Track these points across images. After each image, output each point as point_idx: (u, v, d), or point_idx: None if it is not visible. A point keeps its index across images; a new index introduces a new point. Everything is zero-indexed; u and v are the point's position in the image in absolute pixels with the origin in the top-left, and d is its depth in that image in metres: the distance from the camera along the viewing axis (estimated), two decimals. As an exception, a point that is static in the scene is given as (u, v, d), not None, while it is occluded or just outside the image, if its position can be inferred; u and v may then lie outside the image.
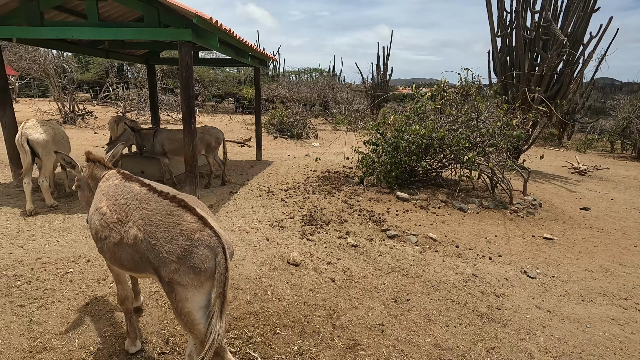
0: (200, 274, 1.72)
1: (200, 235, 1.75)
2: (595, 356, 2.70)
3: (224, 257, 1.75)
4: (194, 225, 1.77)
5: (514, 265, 4.15)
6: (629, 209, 6.98)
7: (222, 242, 1.76)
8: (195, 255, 1.71)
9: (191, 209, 1.83)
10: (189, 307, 1.75)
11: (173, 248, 1.72)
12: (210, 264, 1.73)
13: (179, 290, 1.73)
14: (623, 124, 16.16)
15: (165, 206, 1.85)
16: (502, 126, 6.12)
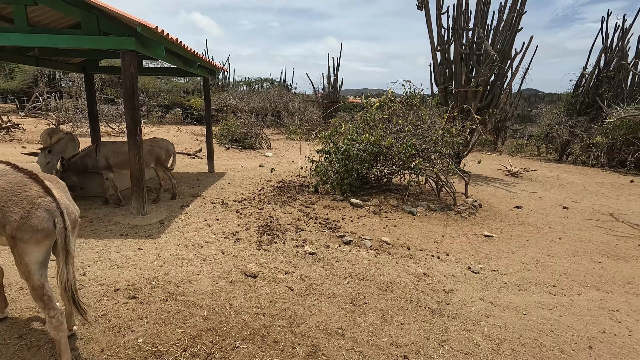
0: (38, 232, 2.10)
1: (41, 201, 2.14)
2: (531, 339, 2.99)
3: (62, 219, 2.15)
4: (38, 192, 2.16)
5: (459, 262, 4.47)
6: (554, 206, 7.82)
7: (60, 208, 2.17)
8: (34, 216, 2.09)
9: (39, 181, 2.21)
10: (27, 260, 2.13)
11: (17, 209, 2.10)
12: (47, 224, 2.12)
13: (20, 245, 2.10)
14: (546, 130, 18.09)
15: (18, 177, 2.20)
16: (444, 134, 6.60)
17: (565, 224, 6.44)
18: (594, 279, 4.27)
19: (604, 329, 3.21)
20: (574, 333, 3.12)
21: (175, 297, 3.21)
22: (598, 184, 10.97)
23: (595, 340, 3.04)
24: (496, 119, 21.23)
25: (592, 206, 8.02)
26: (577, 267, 4.57)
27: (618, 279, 4.30)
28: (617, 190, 10.16)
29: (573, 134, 16.18)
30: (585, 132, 15.52)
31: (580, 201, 8.48)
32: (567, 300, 3.70)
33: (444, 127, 6.64)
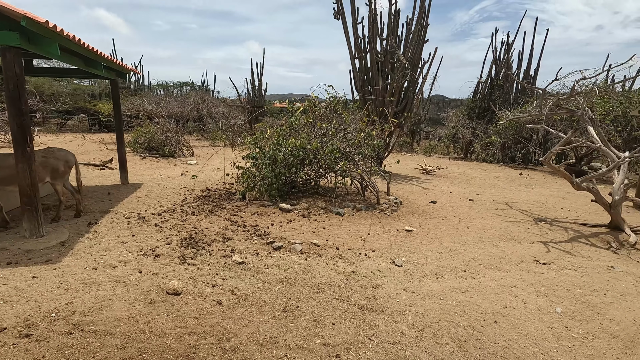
0: None
1: None
2: (448, 321, 3.28)
3: None
4: None
5: (384, 257, 4.72)
6: (462, 199, 8.75)
7: None
8: None
9: None
10: None
11: None
12: None
13: None
14: (453, 132, 20.23)
15: None
16: (365, 137, 6.95)
17: (471, 215, 7.24)
18: (496, 261, 4.86)
19: (505, 304, 3.67)
20: (482, 311, 3.51)
21: (81, 329, 2.81)
22: (495, 177, 12.60)
23: (499, 315, 3.46)
24: (412, 122, 23.19)
25: (492, 197, 9.16)
26: (482, 252, 5.16)
27: (514, 259, 4.96)
28: (510, 182, 11.79)
29: (474, 135, 18.35)
30: (483, 133, 17.71)
31: (483, 193, 9.63)
32: (476, 283, 4.15)
33: (365, 130, 6.99)
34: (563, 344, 3.05)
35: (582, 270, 4.68)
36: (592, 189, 6.04)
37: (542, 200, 9.08)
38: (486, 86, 19.25)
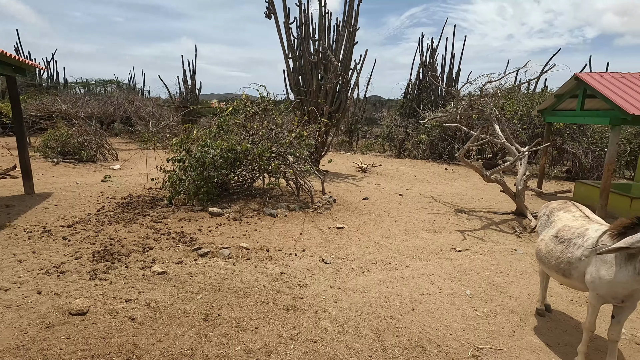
0: None
1: None
2: (370, 313, 3.41)
3: None
4: None
5: (314, 256, 4.77)
6: (392, 194, 9.21)
7: None
8: None
9: None
10: None
11: None
12: None
13: None
14: (387, 131, 21.24)
15: None
16: (296, 137, 6.97)
17: (400, 209, 7.65)
18: (418, 251, 5.18)
19: (423, 292, 3.92)
20: (402, 300, 3.71)
21: (-47, 366, 2.41)
22: (424, 173, 13.48)
23: (417, 302, 3.68)
24: (349, 122, 23.90)
25: (419, 192, 9.78)
26: (406, 244, 5.46)
27: (434, 248, 5.33)
28: (436, 177, 12.69)
29: (406, 133, 19.46)
30: (414, 132, 18.86)
31: (412, 188, 10.24)
32: (399, 273, 4.37)
33: (296, 130, 7.02)
34: (469, 323, 3.34)
35: (491, 255, 5.18)
36: (499, 180, 6.74)
37: (462, 192, 9.91)
38: (415, 88, 20.51)
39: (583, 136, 12.87)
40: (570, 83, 8.46)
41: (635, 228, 2.19)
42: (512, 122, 13.95)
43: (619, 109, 6.73)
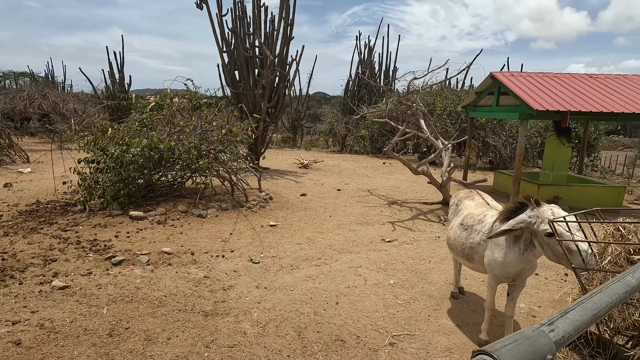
0: None
1: None
2: (294, 311, 3.36)
3: None
4: None
5: (243, 256, 4.62)
6: (331, 189, 9.30)
7: None
8: None
9: None
10: None
11: None
12: None
13: None
14: (329, 127, 21.50)
15: None
16: (227, 133, 6.70)
17: (336, 204, 7.74)
18: (349, 244, 5.27)
19: (349, 285, 3.97)
20: (327, 295, 3.72)
21: None
22: (364, 167, 13.85)
23: (342, 296, 3.71)
24: (292, 118, 23.80)
25: (357, 186, 10.00)
26: (338, 238, 5.53)
27: (365, 240, 5.46)
28: (375, 171, 13.11)
29: (348, 129, 19.86)
30: (355, 127, 19.31)
31: (350, 183, 10.44)
32: (327, 268, 4.39)
33: (226, 127, 6.74)
34: (389, 312, 3.44)
35: (416, 244, 5.43)
36: (426, 172, 7.11)
37: (397, 185, 10.34)
38: (355, 84, 21.00)
39: (502, 130, 14.14)
40: (487, 81, 9.19)
41: (518, 212, 2.39)
42: (442, 118, 14.88)
43: (526, 105, 7.45)
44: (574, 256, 1.93)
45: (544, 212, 2.23)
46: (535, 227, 2.24)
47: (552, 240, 2.10)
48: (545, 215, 2.20)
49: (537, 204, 2.32)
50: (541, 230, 2.19)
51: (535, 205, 2.32)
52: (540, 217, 2.22)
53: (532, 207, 2.32)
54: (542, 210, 2.26)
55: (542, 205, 2.32)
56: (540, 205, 2.32)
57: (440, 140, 7.24)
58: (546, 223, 2.14)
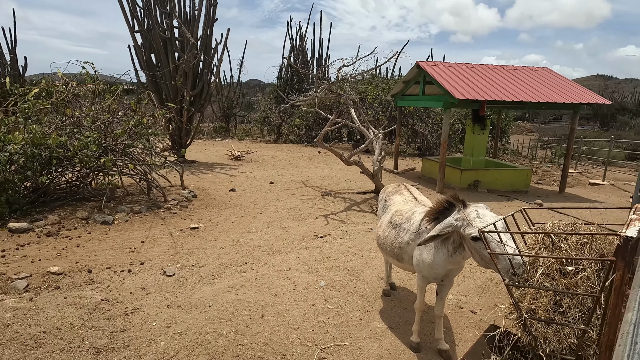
0: None
1: None
2: (210, 332, 2.93)
3: None
4: None
5: (154, 269, 4.00)
6: (263, 182, 8.82)
7: None
8: None
9: None
10: None
11: None
12: None
13: None
14: (263, 115, 20.75)
15: None
16: (136, 125, 5.83)
17: (268, 198, 7.32)
18: (279, 244, 4.91)
19: (276, 292, 3.63)
20: (252, 307, 3.34)
21: None
22: (299, 157, 13.54)
23: (268, 307, 3.36)
24: (224, 107, 22.50)
25: (291, 177, 9.66)
26: (268, 237, 5.14)
27: (296, 238, 5.15)
28: (310, 160, 12.88)
29: (282, 118, 19.32)
30: (289, 116, 18.85)
31: (284, 174, 10.06)
32: (254, 274, 4.00)
33: (135, 117, 5.86)
34: (320, 320, 3.18)
35: (349, 237, 5.28)
36: (358, 162, 7.01)
37: (332, 175, 10.21)
38: (288, 71, 20.42)
39: (428, 118, 14.82)
40: (414, 70, 9.39)
41: (446, 212, 2.24)
42: (374, 106, 15.14)
43: (449, 94, 7.71)
44: (501, 263, 1.82)
45: (469, 214, 2.11)
46: (462, 230, 2.11)
47: (478, 244, 1.97)
48: (471, 217, 2.07)
49: (464, 205, 2.19)
50: (467, 234, 2.06)
51: (462, 206, 2.18)
52: (466, 219, 2.09)
53: (458, 208, 2.19)
54: (467, 212, 2.13)
55: (468, 206, 2.20)
56: (466, 206, 2.19)
57: (371, 129, 7.17)
58: (472, 227, 2.01)
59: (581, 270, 1.30)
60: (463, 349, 2.90)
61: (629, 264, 1.01)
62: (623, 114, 32.23)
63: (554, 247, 1.38)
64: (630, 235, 1.02)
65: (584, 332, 1.22)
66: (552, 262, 1.34)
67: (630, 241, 1.00)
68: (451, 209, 2.23)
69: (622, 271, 1.01)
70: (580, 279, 1.28)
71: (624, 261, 1.01)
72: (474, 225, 2.00)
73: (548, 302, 1.32)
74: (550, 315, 1.32)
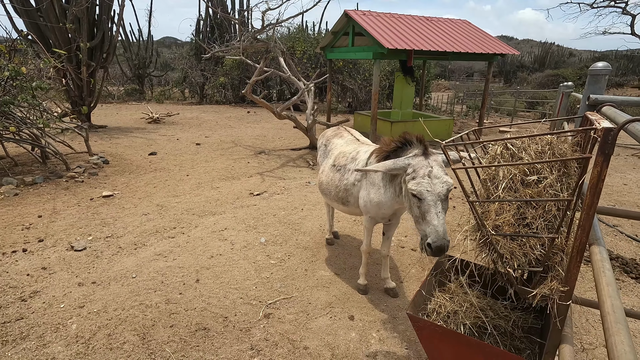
0: None
1: None
2: (136, 305, 2.54)
3: None
4: None
5: (59, 244, 3.36)
6: (189, 145, 8.03)
7: None
8: None
9: None
10: None
11: None
12: None
13: None
14: (183, 75, 18.80)
15: None
16: (13, 76, 4.65)
17: (195, 160, 6.67)
18: (212, 205, 4.50)
19: (212, 254, 3.30)
20: (185, 273, 2.98)
21: None
22: (227, 118, 12.65)
23: (204, 270, 3.04)
24: (136, 66, 19.80)
25: (220, 138, 8.96)
26: (198, 199, 4.67)
27: (230, 198, 4.77)
28: (239, 121, 12.11)
29: (205, 77, 17.71)
30: (212, 75, 17.34)
31: (212, 135, 9.29)
32: (184, 238, 3.59)
33: (10, 67, 4.65)
34: (263, 276, 2.97)
35: (287, 193, 5.06)
36: (291, 117, 6.66)
37: (264, 133, 9.73)
38: (206, 25, 18.50)
39: (357, 74, 14.79)
40: (342, 20, 9.03)
41: (398, 151, 2.08)
42: (303, 62, 14.57)
43: (378, 44, 7.58)
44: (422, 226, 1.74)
45: (421, 169, 1.84)
46: (406, 177, 1.90)
47: (414, 200, 1.81)
48: (421, 173, 1.82)
49: (424, 152, 1.90)
50: (409, 189, 1.85)
51: (422, 152, 1.90)
52: (416, 171, 1.85)
53: (416, 152, 1.92)
54: (421, 165, 1.85)
55: (429, 155, 1.90)
56: (427, 154, 1.90)
57: (302, 81, 6.79)
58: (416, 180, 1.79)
59: (543, 178, 1.23)
60: (408, 285, 2.95)
61: (608, 157, 0.92)
62: (522, 70, 36.23)
63: (515, 159, 1.30)
64: (609, 126, 0.93)
65: (552, 240, 1.17)
66: (514, 173, 1.25)
67: (612, 131, 0.91)
68: (404, 148, 2.05)
69: (601, 166, 0.92)
70: (544, 187, 1.21)
71: (603, 155, 0.92)
72: (418, 184, 1.80)
73: (512, 215, 1.25)
74: (516, 229, 1.25)
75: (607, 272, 0.99)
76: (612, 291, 0.87)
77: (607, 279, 0.94)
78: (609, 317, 0.78)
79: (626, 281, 3.05)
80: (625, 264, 3.25)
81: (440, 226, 1.70)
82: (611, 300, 0.83)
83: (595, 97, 1.59)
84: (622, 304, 0.83)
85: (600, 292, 0.89)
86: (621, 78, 28.57)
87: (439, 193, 1.78)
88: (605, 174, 0.92)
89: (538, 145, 1.30)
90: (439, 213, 1.73)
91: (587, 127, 1.09)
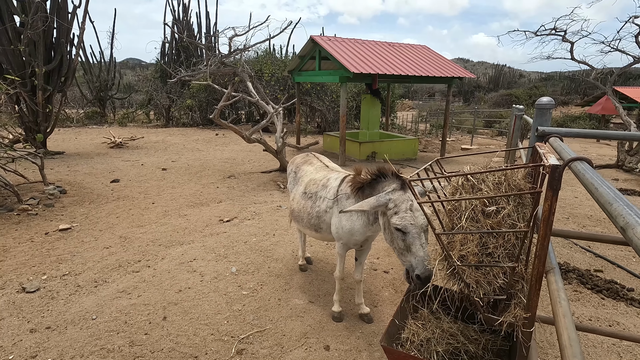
0: None
1: None
2: (97, 351, 2.36)
3: None
4: None
5: (8, 286, 3.08)
6: (154, 170, 7.77)
7: None
8: None
9: None
10: None
11: None
12: None
13: None
14: (148, 97, 18.37)
15: None
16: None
17: (161, 186, 6.45)
18: (179, 234, 4.34)
19: (180, 288, 3.16)
20: (151, 310, 2.82)
21: None
22: (194, 141, 12.42)
23: (171, 306, 2.89)
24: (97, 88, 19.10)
25: (188, 162, 8.75)
26: (165, 228, 4.50)
27: (199, 226, 4.63)
28: (207, 143, 11.92)
29: (171, 99, 17.39)
30: (179, 97, 17.08)
31: (179, 159, 9.06)
32: (150, 272, 3.42)
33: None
34: (234, 309, 2.87)
35: (258, 218, 4.98)
36: (260, 140, 6.65)
37: (233, 156, 9.62)
38: (172, 47, 18.34)
39: (325, 95, 15.12)
40: (309, 45, 9.29)
41: (372, 184, 2.13)
42: (271, 84, 14.72)
43: (344, 69, 7.84)
44: (407, 258, 1.83)
45: (402, 203, 1.91)
46: (389, 213, 1.94)
47: (398, 234, 1.88)
48: (403, 208, 1.89)
49: (402, 187, 1.95)
50: (392, 223, 1.92)
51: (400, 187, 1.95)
52: (397, 205, 1.92)
53: (394, 187, 1.96)
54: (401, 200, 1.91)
55: (407, 189, 1.94)
56: (405, 188, 1.95)
57: (271, 104, 6.84)
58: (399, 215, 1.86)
59: (501, 208, 1.31)
60: (382, 309, 2.96)
61: (557, 192, 1.00)
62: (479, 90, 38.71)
63: (475, 190, 1.37)
64: (556, 163, 1.01)
65: (512, 269, 1.23)
66: (475, 204, 1.32)
67: (558, 169, 0.99)
68: (379, 180, 2.11)
69: (551, 201, 0.99)
70: (502, 217, 1.29)
71: (552, 190, 1.00)
72: (402, 218, 1.86)
73: (475, 245, 1.30)
74: (479, 259, 1.30)
75: (563, 303, 1.06)
76: (569, 323, 0.93)
77: (563, 310, 1.01)
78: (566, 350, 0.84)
79: (583, 292, 3.24)
80: (582, 275, 3.46)
81: (426, 257, 1.77)
82: (567, 332, 0.89)
83: (543, 129, 1.74)
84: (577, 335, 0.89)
85: (558, 324, 0.95)
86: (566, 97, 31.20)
87: (422, 225, 1.87)
88: (555, 207, 1.00)
89: (495, 177, 1.38)
90: (423, 244, 1.81)
91: (537, 164, 1.18)
